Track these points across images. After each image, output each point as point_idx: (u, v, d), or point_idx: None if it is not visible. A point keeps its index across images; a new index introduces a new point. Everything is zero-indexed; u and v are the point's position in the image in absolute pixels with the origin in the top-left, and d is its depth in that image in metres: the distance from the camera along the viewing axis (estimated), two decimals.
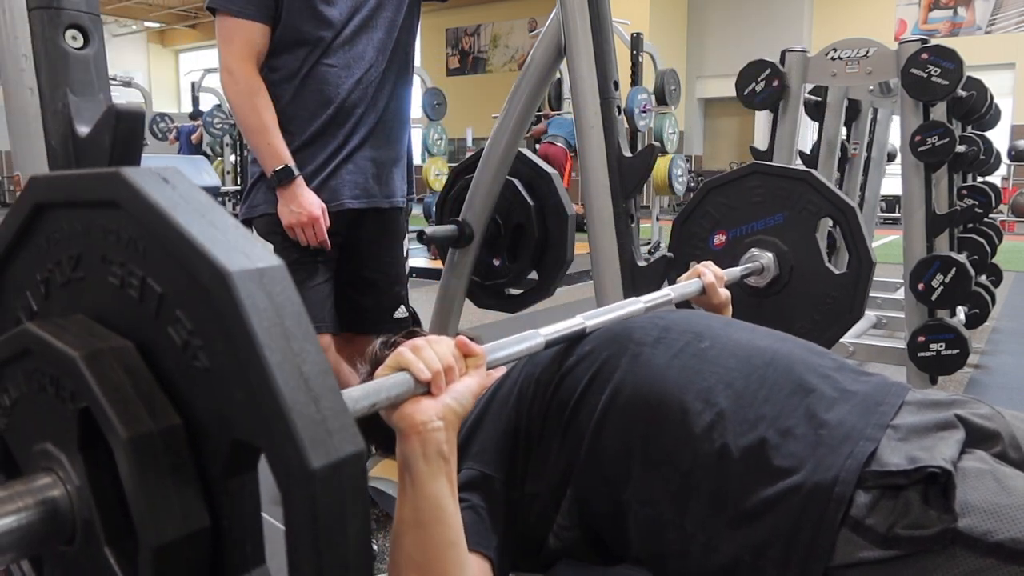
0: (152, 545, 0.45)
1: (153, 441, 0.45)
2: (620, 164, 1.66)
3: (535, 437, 0.99)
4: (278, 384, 0.42)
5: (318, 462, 0.42)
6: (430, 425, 0.76)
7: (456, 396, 0.79)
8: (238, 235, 0.45)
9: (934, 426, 0.86)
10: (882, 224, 8.30)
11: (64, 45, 0.87)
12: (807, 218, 1.64)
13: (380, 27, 1.76)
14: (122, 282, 0.49)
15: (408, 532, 0.80)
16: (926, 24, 12.15)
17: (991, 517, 0.75)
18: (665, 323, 1.04)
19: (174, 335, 0.46)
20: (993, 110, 4.02)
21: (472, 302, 2.07)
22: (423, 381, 0.77)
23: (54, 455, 0.50)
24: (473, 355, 0.83)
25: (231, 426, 0.45)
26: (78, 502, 0.49)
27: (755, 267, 1.63)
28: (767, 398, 0.90)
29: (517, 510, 0.97)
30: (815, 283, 1.64)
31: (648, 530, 0.91)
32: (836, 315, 1.64)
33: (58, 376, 0.48)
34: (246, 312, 0.42)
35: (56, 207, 0.52)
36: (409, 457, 0.77)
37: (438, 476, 0.78)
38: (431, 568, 0.79)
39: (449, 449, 0.79)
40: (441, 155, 7.91)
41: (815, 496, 0.81)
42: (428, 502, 0.78)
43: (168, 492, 0.45)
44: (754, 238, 1.68)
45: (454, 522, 0.81)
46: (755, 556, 0.82)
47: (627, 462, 0.92)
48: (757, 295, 1.68)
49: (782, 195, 1.65)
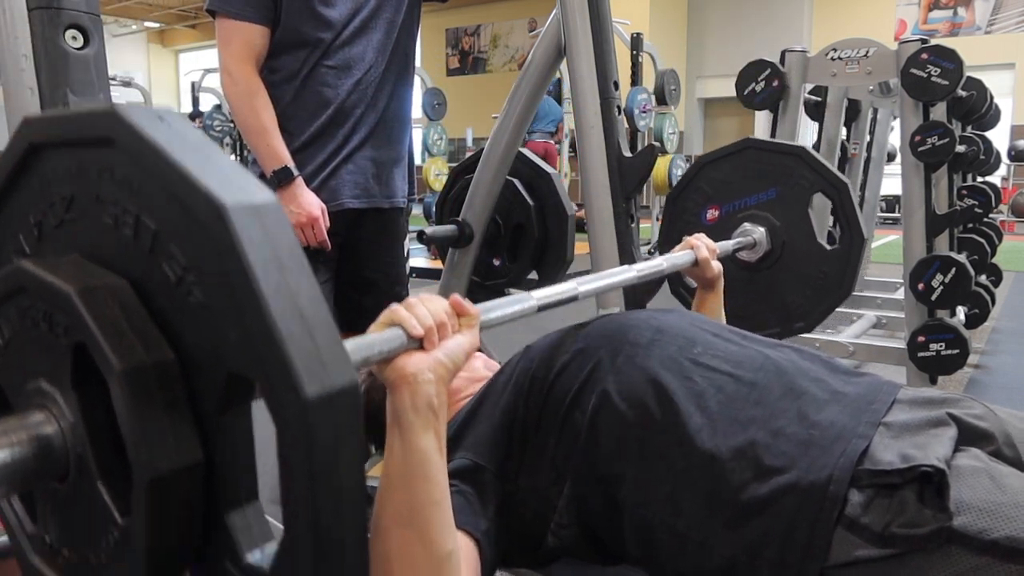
0: (146, 477, 0.45)
1: (147, 374, 0.45)
2: (620, 164, 1.66)
3: (531, 432, 0.99)
4: (273, 316, 0.42)
5: (312, 391, 0.42)
6: (421, 377, 0.75)
7: (448, 352, 0.78)
8: (234, 171, 0.45)
9: (927, 423, 0.86)
10: (882, 224, 8.29)
11: (64, 45, 0.87)
12: (800, 193, 1.64)
13: (379, 28, 1.76)
14: (116, 221, 0.49)
15: (394, 488, 0.78)
16: (926, 24, 12.14)
17: (986, 515, 0.75)
18: (659, 325, 1.05)
19: (168, 271, 0.46)
20: (993, 110, 4.02)
21: (472, 302, 2.07)
22: (415, 336, 0.76)
23: (48, 392, 0.50)
24: (466, 314, 0.83)
25: (225, 359, 0.45)
26: (71, 438, 0.49)
27: (747, 241, 1.63)
28: (758, 401, 0.91)
29: (511, 504, 0.97)
30: (807, 258, 1.64)
31: (643, 531, 0.91)
32: (827, 290, 1.64)
33: (52, 312, 0.48)
34: (242, 245, 0.42)
35: (50, 147, 0.51)
36: (399, 409, 0.76)
37: (427, 429, 0.77)
38: (414, 525, 0.78)
39: (439, 404, 0.78)
40: (441, 155, 7.91)
41: (810, 495, 0.81)
42: (416, 455, 0.77)
43: (162, 425, 0.45)
44: (747, 213, 1.68)
45: (440, 480, 0.79)
46: (751, 556, 0.83)
47: (621, 463, 0.92)
48: (749, 270, 1.68)
49: (775, 170, 1.66)
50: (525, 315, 0.95)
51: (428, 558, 0.78)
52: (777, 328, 1.69)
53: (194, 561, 0.49)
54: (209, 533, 0.48)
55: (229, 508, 0.47)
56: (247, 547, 0.47)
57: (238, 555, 0.46)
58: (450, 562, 0.79)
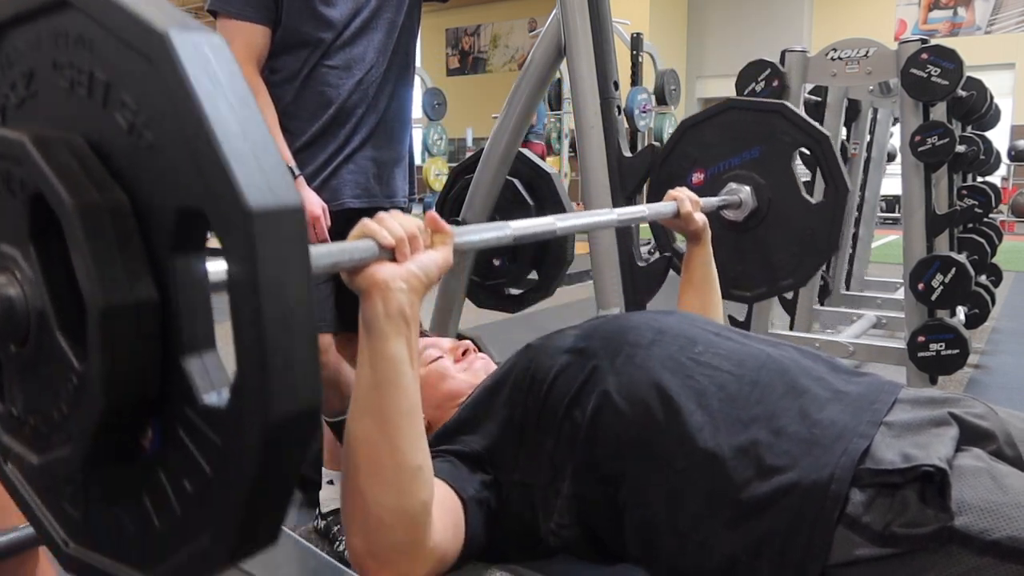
0: (99, 307, 0.45)
1: (100, 212, 0.46)
2: (620, 164, 1.67)
3: (529, 430, 0.99)
4: (218, 138, 0.42)
5: (257, 204, 0.42)
6: (393, 284, 0.75)
7: (421, 265, 0.78)
8: (177, 11, 0.46)
9: (928, 423, 0.86)
10: (882, 224, 8.29)
11: None
12: (783, 150, 1.64)
13: (380, 28, 1.76)
14: (71, 83, 0.50)
15: (364, 396, 0.78)
16: (926, 24, 12.15)
17: (988, 515, 0.75)
18: (660, 326, 1.04)
19: (120, 120, 0.47)
20: (993, 110, 4.02)
21: (472, 302, 2.07)
22: (386, 246, 0.76)
23: (9, 255, 0.51)
24: (441, 231, 0.83)
25: (176, 193, 0.46)
26: (32, 295, 0.50)
27: (733, 200, 1.64)
28: (760, 399, 0.91)
29: (507, 502, 0.97)
30: (793, 214, 1.64)
31: (643, 530, 0.91)
32: (815, 245, 1.64)
33: (8, 168, 0.49)
34: (184, 68, 0.43)
35: (9, 26, 0.53)
36: (370, 316, 0.76)
37: (399, 337, 0.76)
38: (383, 434, 0.77)
39: (412, 313, 0.77)
40: (441, 155, 7.92)
41: (811, 495, 0.81)
42: (386, 363, 0.76)
43: (115, 261, 0.46)
44: (732, 173, 1.68)
45: (411, 390, 0.78)
46: (752, 556, 0.83)
47: (621, 462, 0.92)
48: (736, 230, 1.68)
49: (758, 129, 1.66)
50: (501, 243, 0.95)
51: (396, 469, 0.77)
52: (764, 288, 1.70)
53: (153, 414, 0.49)
54: (167, 381, 0.48)
55: (185, 352, 0.48)
56: (204, 390, 0.47)
57: (195, 398, 0.47)
58: (419, 478, 0.79)
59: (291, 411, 0.44)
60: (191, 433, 0.47)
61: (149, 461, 0.50)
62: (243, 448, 0.44)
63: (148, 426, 0.50)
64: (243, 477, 0.44)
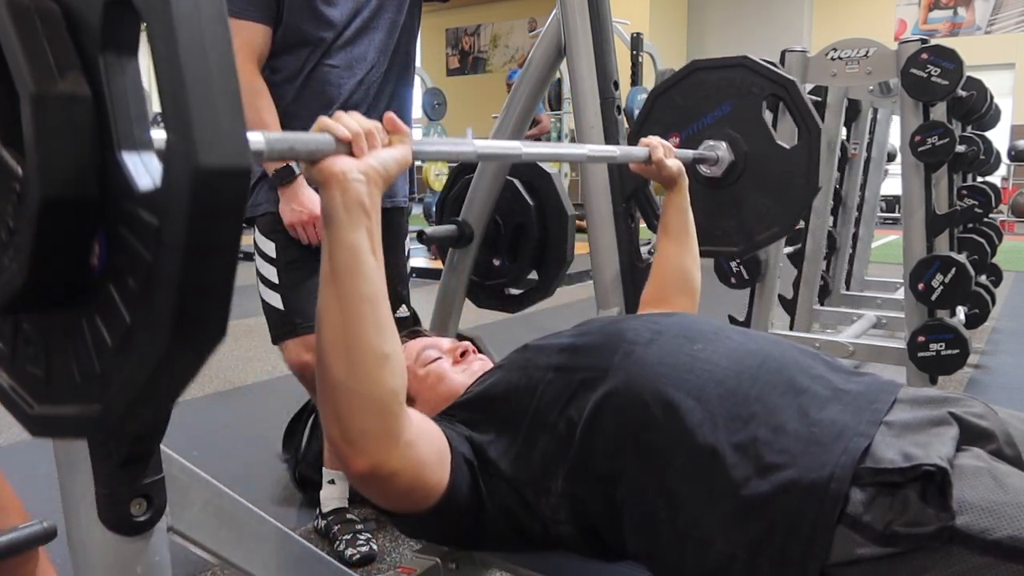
0: (30, 95, 0.46)
1: (30, 13, 0.48)
2: (620, 164, 1.66)
3: (522, 426, 0.99)
4: None
5: None
6: (350, 175, 0.77)
7: (378, 158, 0.80)
8: None
9: (928, 422, 0.86)
10: (882, 224, 8.29)
11: None
12: (752, 101, 1.66)
13: (381, 28, 1.77)
14: None
15: (327, 288, 0.80)
16: (926, 24, 12.14)
17: (989, 515, 0.75)
18: (658, 327, 1.04)
19: None
20: (993, 110, 4.02)
21: (472, 302, 2.07)
22: (343, 139, 0.78)
23: None
24: (398, 131, 0.84)
25: None
26: None
27: (710, 156, 1.66)
28: (759, 397, 0.91)
29: (497, 495, 0.98)
30: (770, 162, 1.66)
31: (642, 528, 0.91)
32: (794, 188, 1.66)
33: None
34: None
35: None
36: (329, 207, 0.78)
37: (357, 226, 0.78)
38: (349, 322, 0.79)
39: (371, 204, 0.79)
40: None
41: (811, 493, 0.81)
42: (346, 252, 0.78)
43: (45, 54, 0.47)
44: (707, 132, 1.71)
45: (374, 278, 0.80)
46: (751, 554, 0.83)
47: (619, 460, 0.92)
48: (715, 187, 1.70)
49: (725, 85, 1.68)
50: (463, 158, 0.96)
51: (362, 354, 0.79)
52: (748, 242, 1.72)
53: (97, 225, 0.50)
54: (107, 184, 0.49)
55: (122, 149, 0.49)
56: (139, 178, 0.48)
57: (132, 190, 0.48)
58: (387, 364, 0.80)
59: (218, 166, 0.45)
60: (131, 225, 0.48)
61: (99, 278, 0.51)
62: (175, 212, 0.45)
63: (95, 242, 0.51)
64: (178, 247, 0.45)
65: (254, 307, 1.83)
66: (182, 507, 0.86)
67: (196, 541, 0.88)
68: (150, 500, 0.80)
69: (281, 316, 1.77)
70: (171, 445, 0.83)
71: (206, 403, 3.14)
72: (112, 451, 0.76)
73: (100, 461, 0.77)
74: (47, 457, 0.81)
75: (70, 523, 0.82)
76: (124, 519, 0.78)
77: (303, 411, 2.37)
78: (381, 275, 0.81)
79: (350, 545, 1.88)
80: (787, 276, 3.59)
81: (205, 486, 0.89)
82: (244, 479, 2.34)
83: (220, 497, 0.91)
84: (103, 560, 0.80)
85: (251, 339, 4.13)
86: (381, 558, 1.90)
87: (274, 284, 1.77)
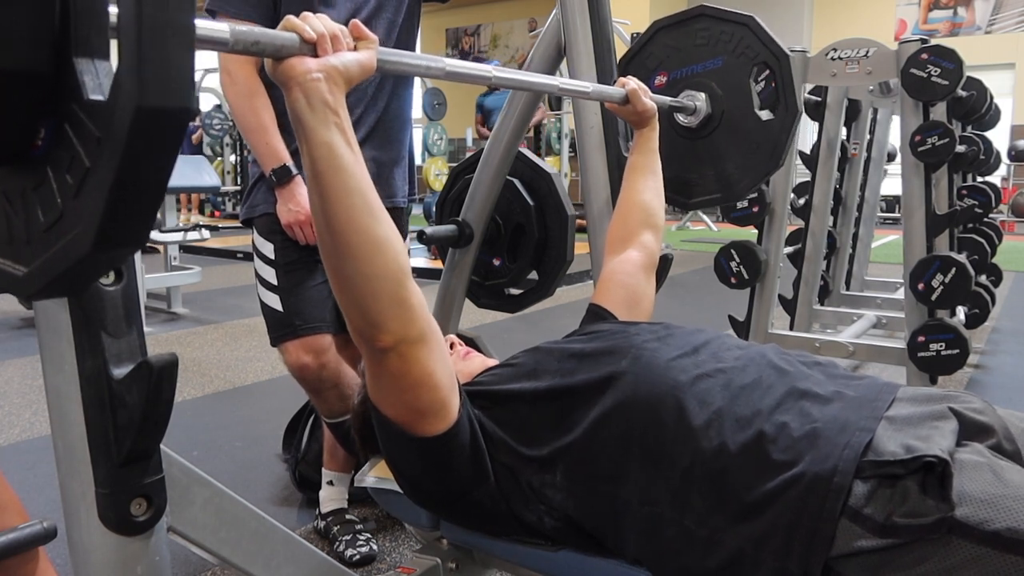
0: None
1: None
2: (620, 164, 1.66)
3: (526, 423, 1.01)
4: None
5: None
6: (310, 76, 0.79)
7: (341, 59, 0.81)
8: None
9: (928, 417, 0.87)
10: (882, 224, 8.30)
11: None
12: (744, 63, 1.67)
13: (380, 28, 1.76)
14: None
15: (314, 189, 0.82)
16: (926, 24, 12.14)
17: (988, 507, 0.76)
18: (664, 333, 1.07)
19: None
20: (993, 110, 4.02)
21: (472, 302, 2.07)
22: (308, 40, 0.79)
23: None
24: (365, 38, 0.86)
25: None
26: None
27: (688, 106, 1.67)
28: (762, 398, 0.93)
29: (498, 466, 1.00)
30: (743, 127, 1.67)
31: (648, 529, 0.91)
32: (760, 160, 1.67)
33: None
34: None
35: None
36: (295, 109, 0.80)
37: (327, 124, 0.80)
38: (341, 214, 0.82)
39: (336, 102, 0.80)
40: (441, 155, 7.90)
41: (815, 487, 0.82)
42: (321, 149, 0.80)
43: None
44: (693, 80, 1.71)
45: (355, 171, 0.82)
46: (756, 548, 0.83)
47: (625, 461, 0.93)
48: (690, 137, 1.72)
49: (724, 39, 1.69)
50: (430, 74, 0.97)
51: (360, 241, 0.82)
52: (719, 193, 1.72)
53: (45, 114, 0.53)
54: (61, 82, 0.52)
55: (78, 54, 0.51)
56: (91, 87, 0.51)
57: (82, 95, 0.51)
58: (386, 247, 0.84)
59: (161, 105, 0.48)
60: (76, 127, 0.52)
61: (40, 160, 0.55)
62: (116, 135, 0.49)
63: (41, 127, 0.54)
64: (113, 165, 0.49)
65: (254, 307, 1.83)
66: (182, 507, 0.86)
67: (196, 541, 0.89)
68: (150, 500, 0.80)
69: (280, 318, 1.76)
70: (171, 445, 0.83)
71: (206, 403, 3.14)
72: (112, 451, 0.76)
73: (100, 461, 0.77)
74: (47, 457, 0.82)
75: (70, 523, 0.82)
76: (124, 519, 0.78)
77: (303, 411, 2.37)
78: (362, 167, 0.84)
79: (350, 545, 1.88)
80: (787, 276, 3.59)
81: (205, 486, 0.89)
82: (244, 479, 2.34)
83: (220, 497, 0.92)
84: (103, 560, 0.80)
85: (251, 339, 4.13)
86: (381, 558, 1.90)
87: (273, 286, 1.76)
